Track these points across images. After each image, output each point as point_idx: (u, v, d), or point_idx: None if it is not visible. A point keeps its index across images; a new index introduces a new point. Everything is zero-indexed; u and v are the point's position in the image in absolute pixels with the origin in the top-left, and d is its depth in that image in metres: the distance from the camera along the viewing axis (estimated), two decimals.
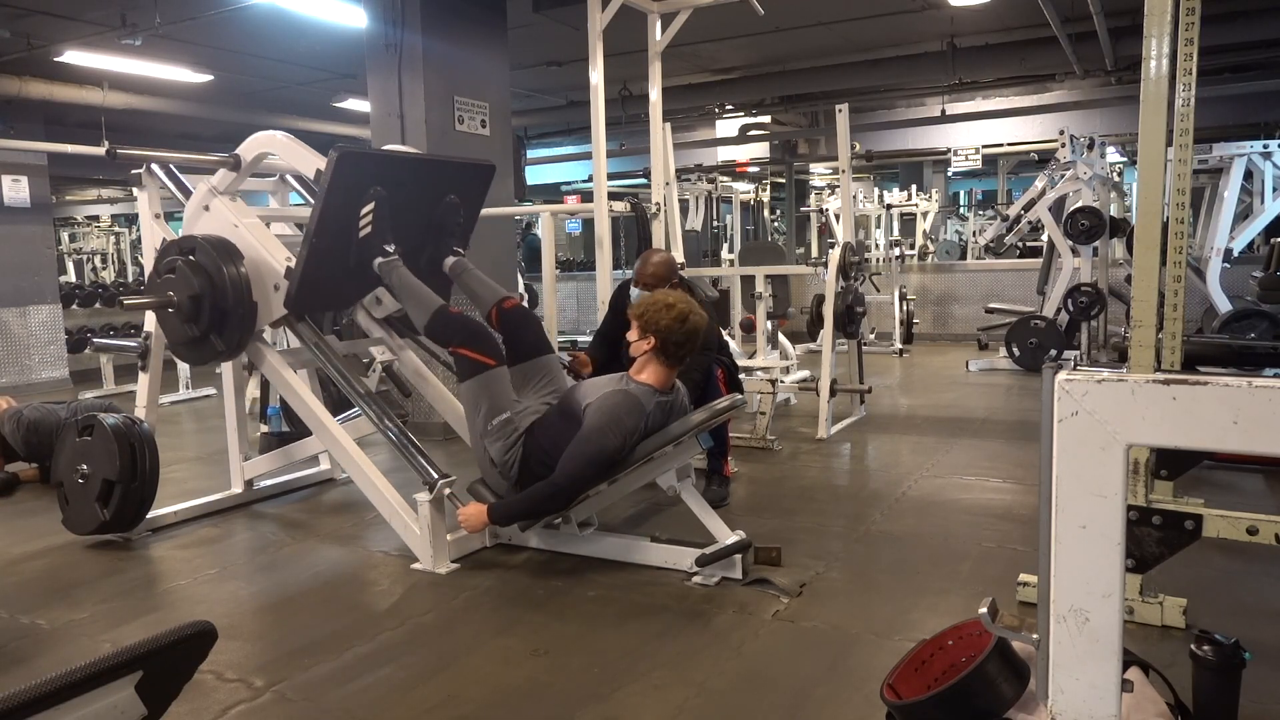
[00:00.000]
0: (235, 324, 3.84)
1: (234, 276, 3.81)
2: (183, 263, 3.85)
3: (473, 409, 3.59)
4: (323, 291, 3.93)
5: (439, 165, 4.37)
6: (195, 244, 3.87)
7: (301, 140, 3.97)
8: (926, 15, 7.98)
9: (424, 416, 5.69)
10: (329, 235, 3.69)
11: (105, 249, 15.88)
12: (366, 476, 3.68)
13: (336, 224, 3.71)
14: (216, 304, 3.81)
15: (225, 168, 4.07)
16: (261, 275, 3.88)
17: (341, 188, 3.64)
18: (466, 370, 3.59)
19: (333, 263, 3.79)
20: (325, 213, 3.64)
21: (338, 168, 3.58)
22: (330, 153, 3.61)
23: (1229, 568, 3.27)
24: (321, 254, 3.71)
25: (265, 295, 3.89)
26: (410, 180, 3.96)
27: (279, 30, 7.41)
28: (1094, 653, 1.30)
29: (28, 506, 4.69)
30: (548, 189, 17.26)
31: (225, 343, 3.90)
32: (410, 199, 3.93)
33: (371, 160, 4.00)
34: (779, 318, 7.21)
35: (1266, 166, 7.63)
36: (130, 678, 1.28)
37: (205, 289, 3.81)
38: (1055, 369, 1.34)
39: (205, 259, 3.83)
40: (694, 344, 3.41)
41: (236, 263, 3.85)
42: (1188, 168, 3.32)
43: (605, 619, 3.03)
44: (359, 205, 3.74)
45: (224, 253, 3.85)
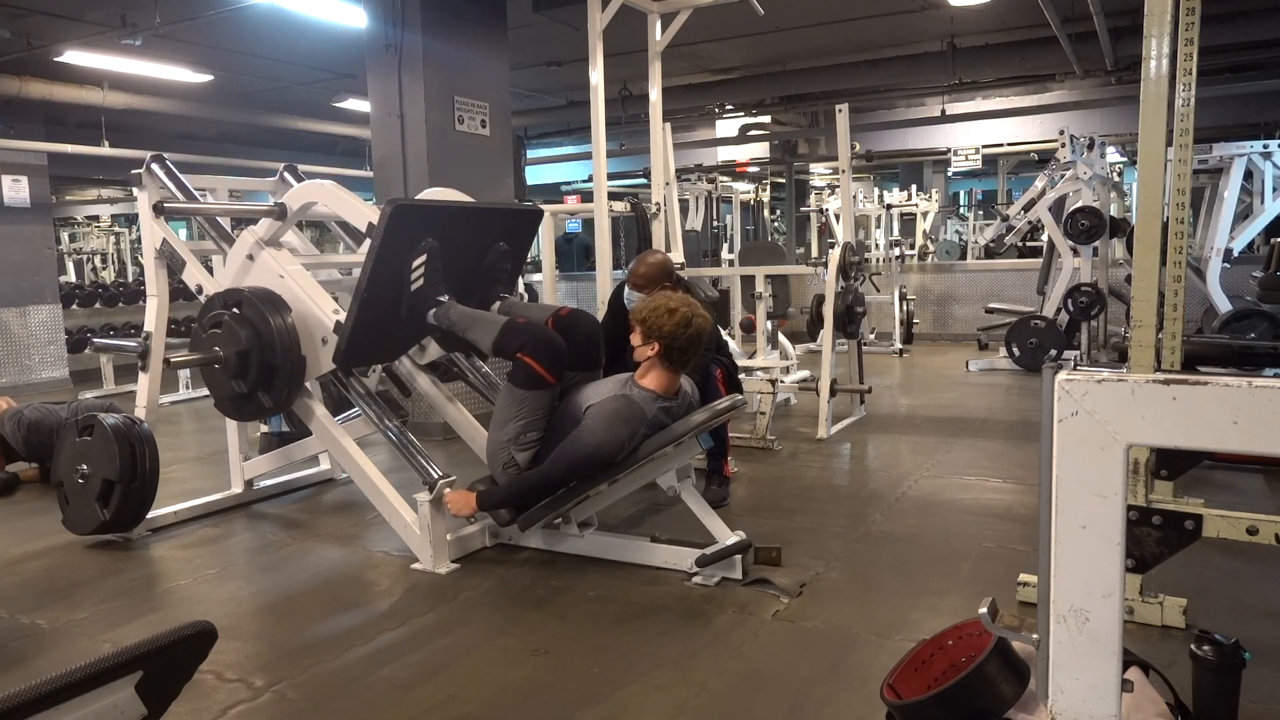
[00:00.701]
0: (283, 380, 3.72)
1: (281, 330, 3.68)
2: (229, 317, 3.73)
3: (510, 416, 3.50)
4: (372, 344, 3.79)
5: (489, 213, 4.25)
6: (241, 298, 3.74)
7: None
8: (926, 15, 7.98)
9: (424, 416, 5.68)
10: (380, 288, 3.55)
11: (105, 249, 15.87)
12: (367, 476, 3.68)
13: (387, 276, 3.57)
14: (264, 359, 3.68)
15: (270, 217, 3.94)
16: (309, 328, 3.73)
17: (393, 240, 3.51)
18: (521, 378, 3.47)
19: (382, 314, 3.64)
20: (377, 266, 3.49)
21: (391, 222, 3.44)
22: (384, 207, 3.48)
23: (1229, 568, 3.27)
24: (372, 307, 3.57)
25: (313, 349, 3.73)
26: (460, 228, 3.85)
27: (279, 30, 7.41)
28: (1094, 653, 1.30)
29: (28, 506, 4.69)
30: (548, 189, 17.26)
31: (273, 399, 3.79)
32: (459, 246, 3.81)
33: (423, 212, 3.85)
34: (779, 318, 7.21)
35: (1266, 166, 7.63)
36: (130, 678, 1.28)
37: (253, 344, 3.68)
38: (1055, 369, 1.34)
39: (252, 313, 3.70)
40: (698, 348, 3.40)
41: (283, 315, 3.72)
42: (1188, 168, 3.32)
43: (605, 619, 3.03)
44: (409, 256, 3.61)
45: (270, 306, 3.72)
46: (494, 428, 3.59)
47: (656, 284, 4.31)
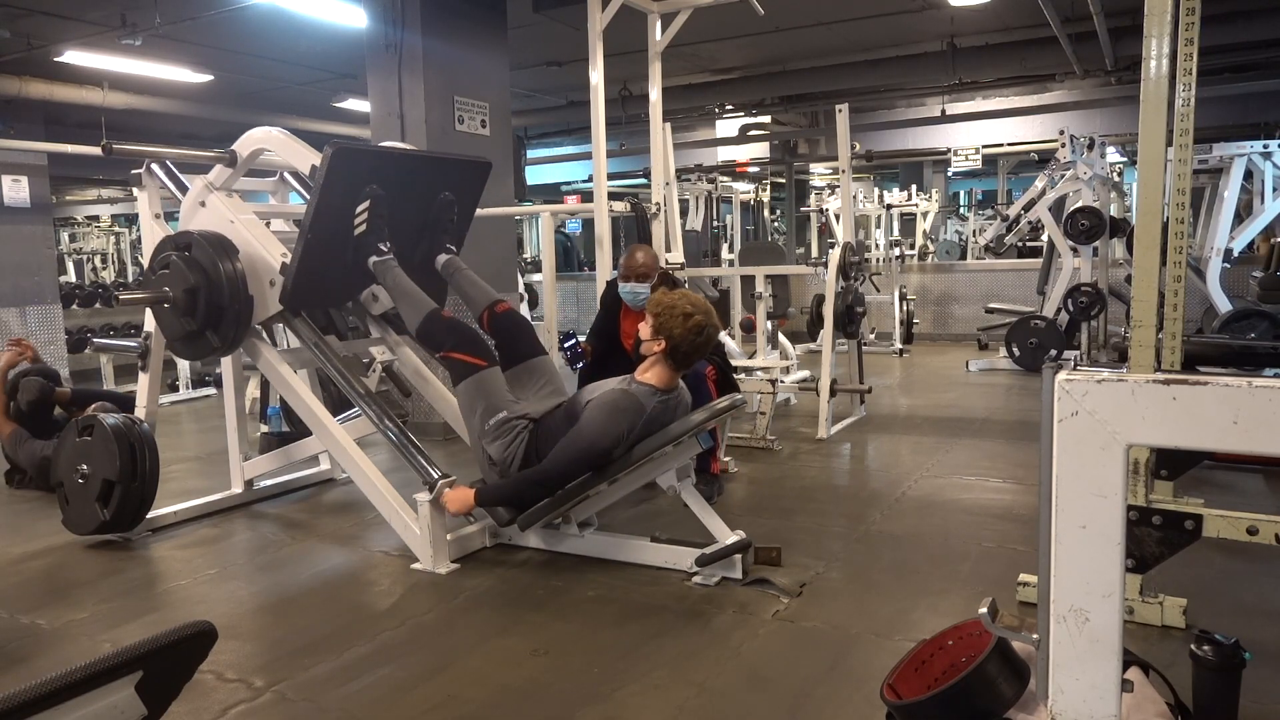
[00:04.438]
0: (231, 320, 3.84)
1: (230, 272, 3.80)
2: (178, 258, 3.83)
3: (469, 411, 3.62)
4: (319, 288, 3.93)
5: (435, 162, 4.37)
6: (191, 239, 3.86)
7: (302, 140, 3.97)
8: (926, 15, 7.98)
9: (424, 416, 5.69)
10: (324, 231, 3.69)
11: (105, 249, 15.88)
12: (366, 476, 3.68)
13: (332, 220, 3.71)
14: (212, 299, 3.79)
15: (221, 164, 4.07)
16: (257, 271, 3.87)
17: (337, 184, 3.64)
18: (459, 373, 3.62)
19: (329, 259, 3.79)
20: (320, 209, 3.64)
21: (333, 164, 3.59)
22: (325, 149, 3.61)
23: (1229, 568, 3.27)
24: (317, 250, 3.71)
25: (261, 291, 3.88)
26: (406, 177, 3.96)
27: (279, 30, 7.40)
28: (1094, 653, 1.29)
29: (28, 506, 4.69)
30: (548, 189, 17.26)
31: (221, 338, 3.89)
32: (405, 195, 3.93)
33: (366, 156, 4.00)
34: (779, 318, 7.21)
35: (1266, 166, 7.63)
36: (130, 678, 1.28)
37: (201, 284, 3.79)
38: (1055, 369, 1.34)
39: (201, 254, 3.82)
40: (703, 352, 3.45)
41: (232, 258, 3.83)
42: (1188, 168, 3.32)
43: (605, 619, 3.03)
44: (355, 202, 3.75)
45: (220, 248, 3.83)
46: (468, 430, 3.69)
47: (653, 274, 4.40)
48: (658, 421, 3.38)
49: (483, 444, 3.56)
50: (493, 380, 3.62)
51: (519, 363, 3.77)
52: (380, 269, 3.82)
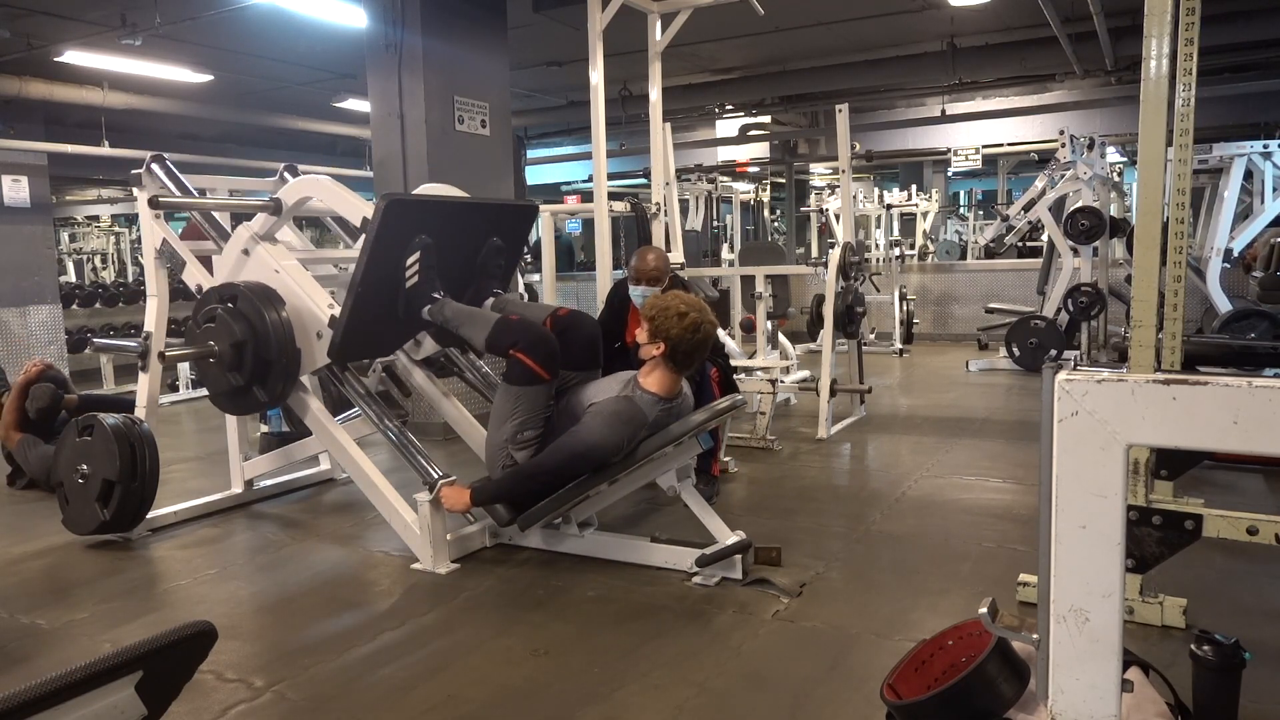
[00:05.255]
0: (279, 374, 3.74)
1: (276, 324, 3.70)
2: (223, 311, 3.73)
3: (507, 414, 3.50)
4: (367, 339, 3.81)
5: (485, 209, 4.25)
6: (237, 292, 3.76)
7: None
8: (926, 15, 7.98)
9: (424, 416, 5.68)
10: (374, 283, 3.55)
11: (105, 249, 15.87)
12: (367, 476, 3.68)
13: (382, 271, 3.57)
14: (259, 353, 3.70)
15: (265, 212, 3.96)
16: (304, 322, 3.76)
17: (388, 235, 3.51)
18: (516, 375, 3.47)
19: (377, 309, 3.65)
20: (371, 261, 3.50)
21: (385, 216, 3.44)
22: (377, 201, 3.48)
23: (1229, 568, 3.27)
24: (366, 301, 3.57)
25: (308, 343, 3.76)
26: (455, 223, 3.85)
27: (279, 30, 7.40)
28: (1094, 653, 1.29)
29: (28, 507, 4.69)
30: (548, 189, 17.25)
31: (268, 393, 3.80)
32: (454, 241, 3.81)
33: (417, 206, 3.85)
34: (779, 318, 7.21)
35: (1266, 166, 7.63)
36: (130, 678, 1.28)
37: (248, 337, 3.69)
38: (1055, 369, 1.34)
39: (247, 307, 3.72)
40: (704, 353, 3.41)
41: (279, 310, 3.74)
42: (1188, 168, 3.32)
43: (605, 619, 3.03)
44: (404, 251, 3.61)
45: (265, 300, 3.73)
46: (492, 428, 3.59)
47: (665, 277, 4.34)
48: (659, 427, 3.38)
49: (510, 449, 3.50)
50: (543, 396, 3.51)
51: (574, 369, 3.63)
52: (436, 312, 3.68)
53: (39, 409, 4.98)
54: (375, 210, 3.47)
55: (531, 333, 3.49)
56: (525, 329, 3.50)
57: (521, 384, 3.47)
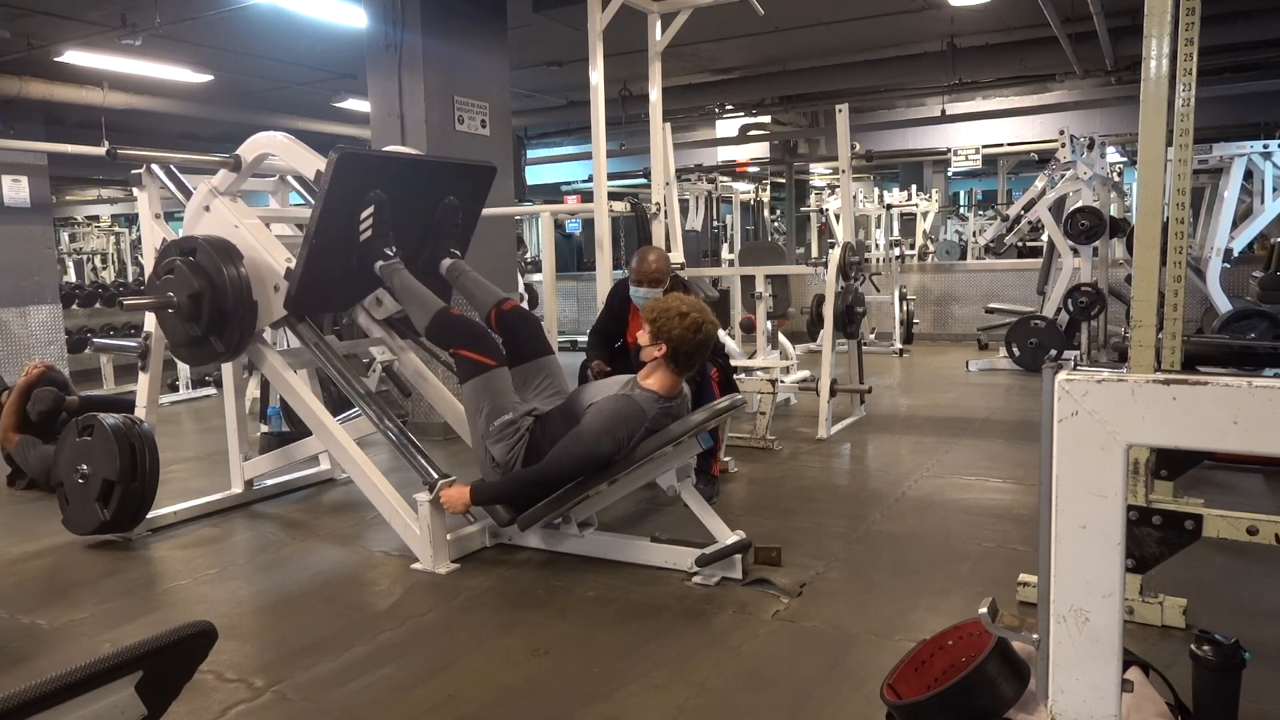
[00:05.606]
0: (235, 325, 3.84)
1: (234, 277, 3.80)
2: (182, 263, 3.83)
3: (474, 410, 3.60)
4: (323, 292, 3.93)
5: (439, 166, 4.35)
6: (195, 244, 3.86)
7: (302, 140, 3.97)
8: (926, 15, 7.98)
9: (424, 416, 5.68)
10: (329, 236, 3.68)
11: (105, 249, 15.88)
12: (366, 476, 3.68)
13: (337, 225, 3.70)
14: (216, 304, 3.80)
15: (225, 168, 4.06)
16: (262, 276, 3.87)
17: (341, 189, 3.64)
18: (467, 371, 3.60)
19: (333, 264, 3.79)
20: (325, 214, 3.63)
21: (338, 169, 3.58)
22: (330, 154, 3.60)
23: (1229, 568, 3.27)
24: (322, 255, 3.70)
25: (266, 296, 3.88)
26: (410, 181, 3.95)
27: (279, 30, 7.40)
28: (1094, 653, 1.29)
29: (28, 507, 4.69)
30: (548, 189, 17.25)
31: (225, 343, 3.89)
32: (410, 200, 3.92)
33: (371, 161, 3.99)
34: (779, 318, 7.21)
35: (1266, 166, 7.63)
36: (130, 678, 1.28)
37: (205, 289, 3.80)
38: (1055, 369, 1.34)
39: (205, 259, 3.82)
40: (705, 354, 3.42)
41: (237, 263, 3.83)
42: (1188, 168, 3.32)
43: (605, 619, 3.03)
44: (359, 207, 3.74)
45: (224, 253, 3.83)
46: (470, 429, 3.68)
47: (666, 278, 4.34)
48: (658, 426, 3.38)
49: (486, 444, 3.56)
50: (500, 380, 3.61)
51: (526, 360, 3.76)
52: (387, 272, 3.81)
53: (41, 412, 4.98)
54: (328, 164, 3.58)
55: (468, 330, 3.67)
56: (463, 328, 3.67)
57: (473, 375, 3.58)
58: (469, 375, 3.60)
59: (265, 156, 4.05)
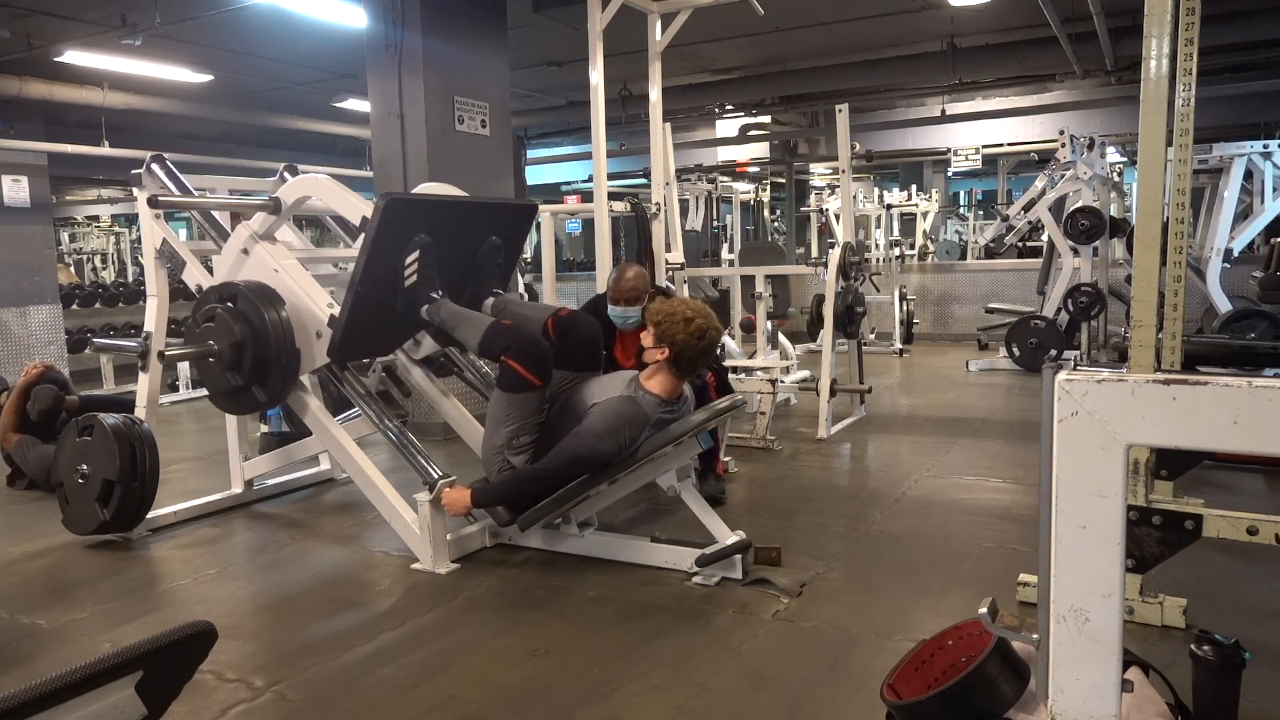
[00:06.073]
0: (278, 373, 3.74)
1: (275, 324, 3.69)
2: (223, 310, 3.73)
3: (501, 420, 3.51)
4: (365, 338, 3.80)
5: (482, 207, 4.25)
6: (236, 291, 3.75)
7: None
8: (926, 15, 7.98)
9: (424, 416, 5.68)
10: (373, 282, 3.55)
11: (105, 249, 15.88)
12: (367, 476, 3.68)
13: (381, 270, 3.57)
14: (258, 353, 3.69)
15: (265, 211, 3.95)
16: (304, 322, 3.75)
17: (387, 234, 3.51)
18: (508, 382, 3.48)
19: (376, 309, 3.65)
20: (371, 260, 3.49)
21: (384, 215, 3.44)
22: (377, 201, 3.48)
23: (1229, 568, 3.27)
24: (366, 301, 3.56)
25: (308, 342, 3.76)
26: (453, 223, 3.85)
27: (279, 30, 7.40)
28: (1094, 653, 1.29)
29: (28, 507, 4.69)
30: (548, 189, 17.25)
31: (268, 393, 3.80)
32: (453, 241, 3.81)
33: (417, 206, 3.85)
34: (779, 318, 7.21)
35: (1266, 166, 7.62)
36: (130, 678, 1.28)
37: (247, 337, 3.69)
38: (1055, 369, 1.34)
39: (246, 307, 3.71)
40: (708, 358, 3.42)
41: (278, 309, 3.73)
42: (1188, 168, 3.32)
43: (605, 619, 3.03)
44: (403, 250, 3.61)
45: (265, 299, 3.73)
46: (487, 432, 3.61)
47: (642, 296, 4.18)
48: (660, 429, 3.38)
49: (505, 454, 3.51)
50: (535, 402, 3.51)
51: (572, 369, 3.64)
52: (434, 312, 3.68)
53: (41, 411, 4.98)
54: (375, 209, 3.47)
55: (523, 338, 3.49)
56: (517, 334, 3.50)
57: (512, 390, 3.47)
58: (508, 387, 3.48)
59: (305, 199, 3.94)
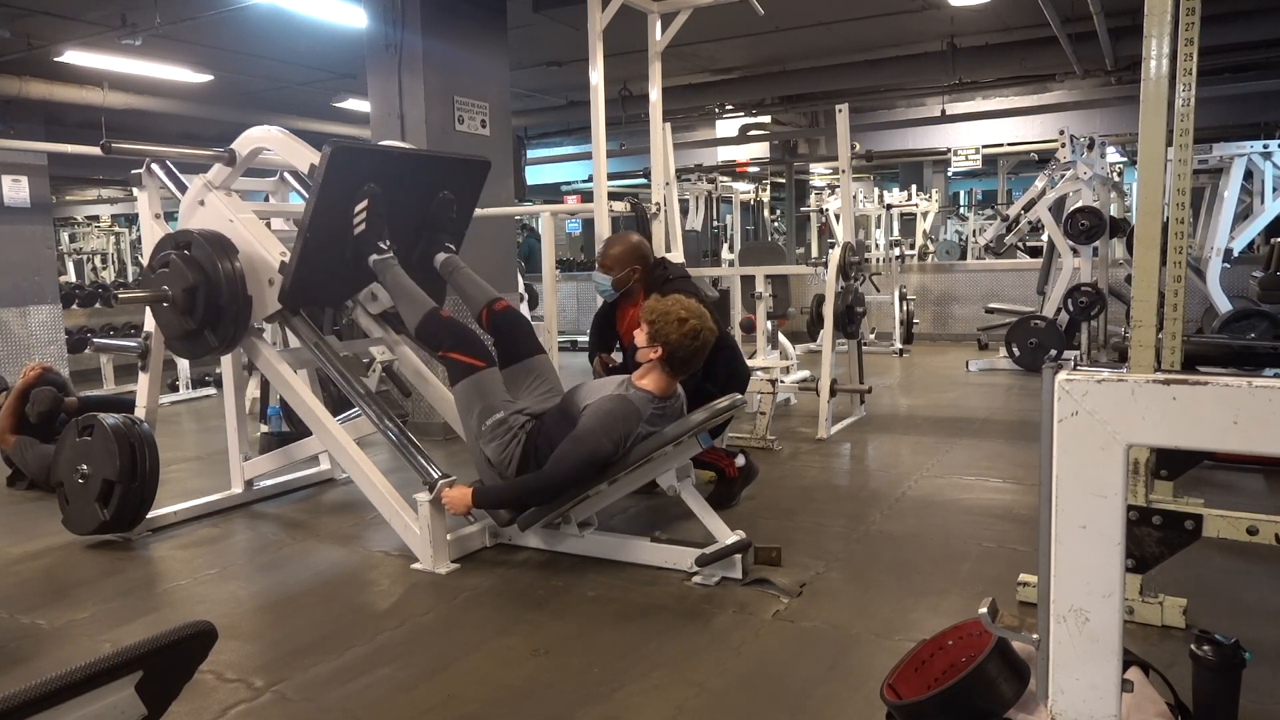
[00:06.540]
0: (230, 319, 3.84)
1: (229, 271, 3.79)
2: (177, 257, 3.83)
3: (466, 412, 3.62)
4: (318, 286, 3.94)
5: (434, 160, 4.36)
6: (190, 238, 3.86)
7: (303, 140, 3.97)
8: (926, 15, 7.98)
9: (424, 416, 5.68)
10: (323, 230, 3.69)
11: (105, 249, 15.88)
12: (366, 476, 3.68)
13: (331, 219, 3.71)
14: (211, 298, 3.80)
15: (220, 163, 4.06)
16: (256, 270, 3.87)
17: (336, 183, 3.65)
18: (457, 373, 3.64)
19: (328, 258, 3.79)
20: (319, 208, 3.64)
21: (331, 163, 3.59)
22: (324, 148, 3.62)
23: (1229, 568, 3.27)
24: (316, 249, 3.71)
25: (260, 290, 3.87)
26: (404, 175, 3.96)
27: (279, 30, 7.40)
28: (1094, 653, 1.29)
29: (28, 507, 4.69)
30: (548, 189, 17.26)
31: (220, 337, 3.90)
32: (404, 194, 3.94)
33: (365, 155, 4.00)
34: (779, 318, 7.21)
35: (1266, 166, 7.62)
36: (130, 678, 1.28)
37: (200, 283, 3.79)
38: (1055, 369, 1.34)
39: (200, 253, 3.82)
40: (700, 359, 3.41)
41: (231, 257, 3.83)
42: (1188, 168, 3.32)
43: (605, 619, 3.03)
44: (353, 201, 3.75)
45: (219, 247, 3.83)
46: (464, 428, 3.69)
47: (629, 265, 4.17)
48: (653, 425, 3.38)
49: (480, 445, 3.57)
50: (490, 381, 3.64)
51: (517, 361, 3.78)
52: (380, 267, 3.82)
53: (40, 413, 4.98)
54: (322, 157, 3.59)
55: (456, 333, 3.68)
56: (452, 331, 3.68)
57: (463, 377, 3.61)
58: (459, 377, 3.63)
59: (260, 150, 4.04)
